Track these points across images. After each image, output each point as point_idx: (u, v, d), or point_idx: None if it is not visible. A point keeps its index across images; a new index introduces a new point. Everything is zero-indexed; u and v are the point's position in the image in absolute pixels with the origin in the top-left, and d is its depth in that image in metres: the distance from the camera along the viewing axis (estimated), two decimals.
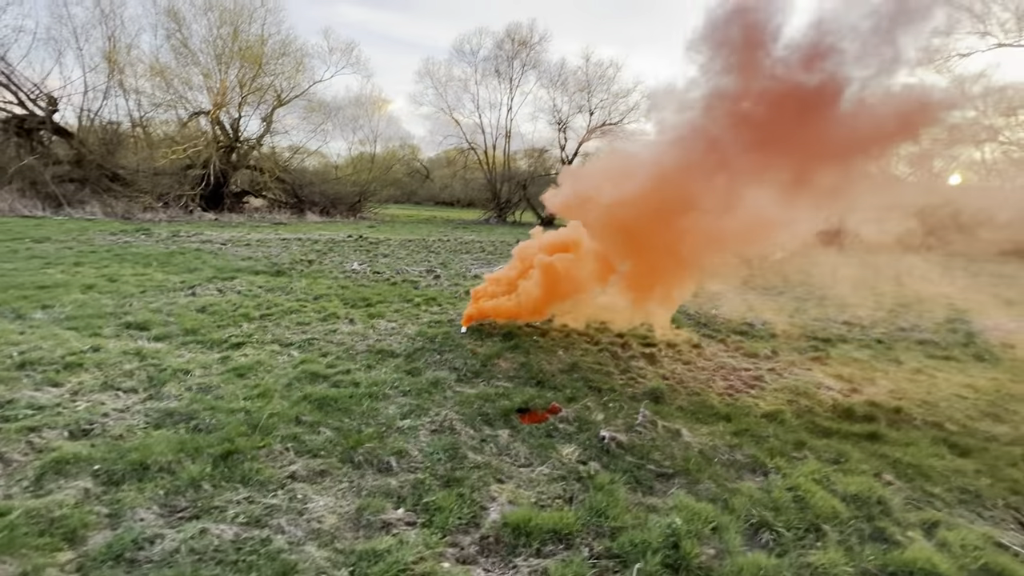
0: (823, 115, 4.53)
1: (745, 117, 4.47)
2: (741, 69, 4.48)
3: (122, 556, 2.08)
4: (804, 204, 4.77)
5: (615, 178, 5.42)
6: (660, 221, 4.94)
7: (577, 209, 5.74)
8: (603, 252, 5.62)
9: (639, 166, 5.34)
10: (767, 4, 4.46)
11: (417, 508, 2.52)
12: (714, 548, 2.36)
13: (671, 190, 4.80)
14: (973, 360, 5.62)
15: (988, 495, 2.94)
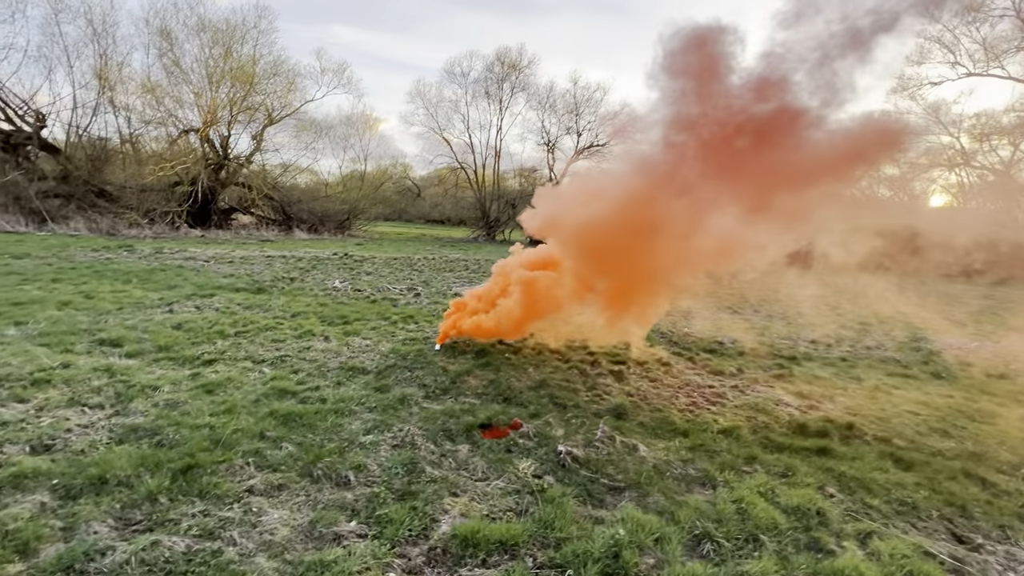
0: (778, 142, 4.78)
1: (702, 144, 4.70)
2: (697, 98, 4.72)
3: (72, 568, 2.12)
4: (767, 226, 4.98)
5: (584, 200, 5.62)
6: (626, 242, 5.12)
7: (551, 229, 5.92)
8: (578, 271, 5.78)
9: (606, 189, 5.54)
10: (720, 36, 4.74)
11: (370, 521, 2.59)
12: (654, 558, 2.46)
13: (635, 212, 4.99)
14: (931, 378, 5.81)
15: (925, 507, 3.07)
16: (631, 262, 5.23)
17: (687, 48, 4.75)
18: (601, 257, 5.34)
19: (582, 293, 5.94)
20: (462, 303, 6.25)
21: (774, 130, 4.75)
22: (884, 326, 7.79)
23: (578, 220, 5.37)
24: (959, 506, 3.10)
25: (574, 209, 5.55)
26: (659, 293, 5.72)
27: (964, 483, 3.37)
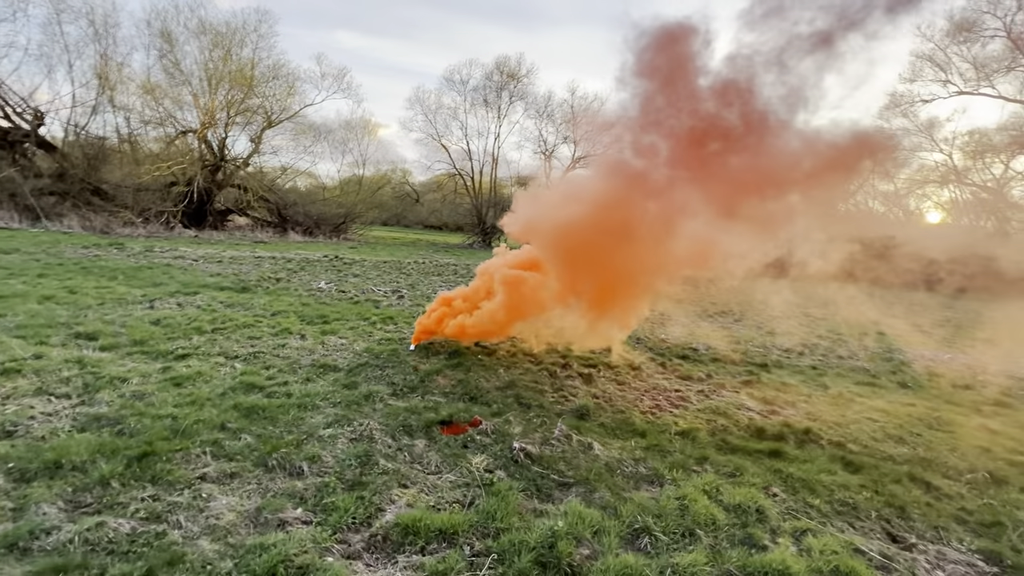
0: (744, 147, 4.91)
1: (669, 146, 4.83)
2: (663, 100, 4.86)
3: (16, 545, 2.19)
4: (743, 233, 5.09)
5: (559, 202, 5.74)
6: (599, 243, 5.22)
7: (530, 232, 6.02)
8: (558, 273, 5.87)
9: (580, 191, 5.67)
10: (687, 36, 4.87)
11: (316, 508, 2.66)
12: (590, 549, 2.53)
13: (606, 213, 5.10)
14: (897, 387, 5.90)
15: (864, 507, 3.15)
16: (606, 264, 5.32)
17: (654, 48, 4.89)
18: (577, 259, 5.44)
19: (564, 296, 6.03)
20: (448, 298, 6.29)
21: (739, 134, 4.89)
22: (858, 336, 7.89)
23: (554, 223, 5.48)
24: (898, 507, 3.18)
25: (550, 212, 5.66)
26: (637, 296, 5.81)
27: (908, 486, 3.45)
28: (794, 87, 4.85)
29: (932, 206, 30.90)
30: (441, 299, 6.29)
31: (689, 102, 4.90)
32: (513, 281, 5.70)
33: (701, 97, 4.94)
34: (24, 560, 2.12)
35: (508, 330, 6.10)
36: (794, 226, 5.38)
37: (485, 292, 6.22)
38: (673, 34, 5.09)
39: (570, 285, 5.77)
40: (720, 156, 4.97)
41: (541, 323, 6.30)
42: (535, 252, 6.24)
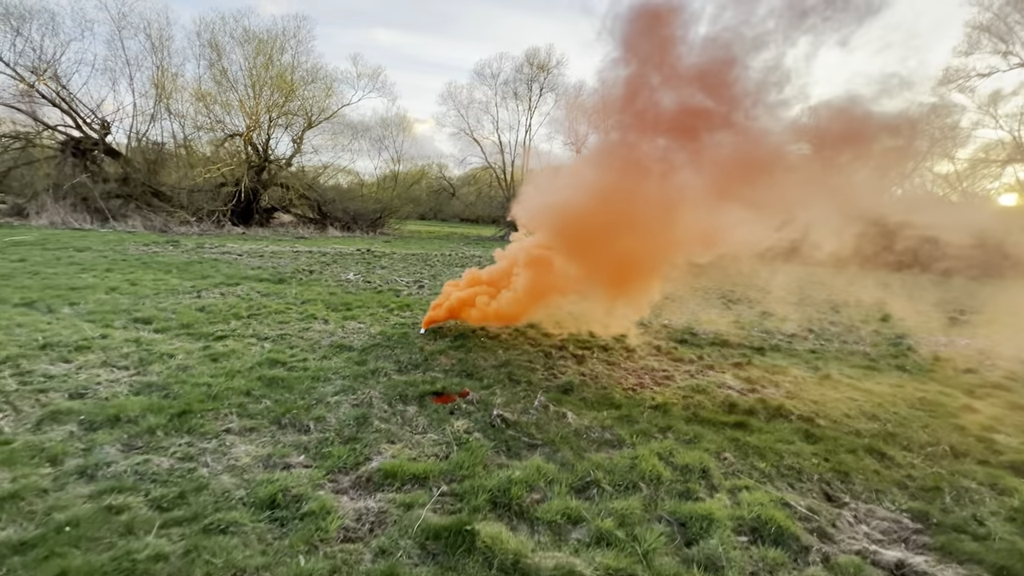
0: (729, 125, 5.13)
1: (655, 126, 5.11)
2: (649, 79, 5.15)
3: (85, 473, 2.84)
4: (746, 215, 5.30)
5: (564, 190, 6.10)
6: (603, 227, 5.54)
7: (540, 220, 6.38)
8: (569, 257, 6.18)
9: (578, 175, 6.01)
10: (672, 14, 5.12)
11: (316, 456, 3.21)
12: (540, 494, 2.95)
13: (606, 197, 5.43)
14: (895, 370, 5.95)
15: (808, 472, 3.41)
16: (613, 246, 5.63)
17: (639, 27, 5.18)
18: (586, 242, 5.76)
19: (578, 280, 6.34)
20: (476, 278, 6.75)
21: (722, 113, 5.11)
22: (868, 321, 7.85)
23: (561, 208, 5.83)
24: (843, 473, 3.43)
25: (556, 198, 6.01)
26: (646, 278, 6.09)
27: (862, 456, 3.67)
28: (774, 64, 5.04)
29: (1002, 188, 28.89)
30: (472, 278, 6.75)
31: (670, 82, 5.16)
32: (537, 261, 6.04)
33: (682, 77, 5.19)
34: (91, 483, 2.75)
35: (530, 313, 6.55)
36: (806, 209, 5.53)
37: (508, 274, 6.60)
38: (656, 12, 5.34)
39: (582, 269, 6.10)
40: (704, 137, 5.21)
41: (558, 309, 6.73)
42: (544, 240, 6.60)
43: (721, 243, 5.63)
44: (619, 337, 6.45)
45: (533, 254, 6.19)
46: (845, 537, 2.78)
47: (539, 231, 6.50)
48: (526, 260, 6.20)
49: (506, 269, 6.70)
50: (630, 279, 5.98)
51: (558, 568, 2.31)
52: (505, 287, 6.59)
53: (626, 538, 2.57)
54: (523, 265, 6.21)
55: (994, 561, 2.61)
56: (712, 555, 2.48)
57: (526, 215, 6.47)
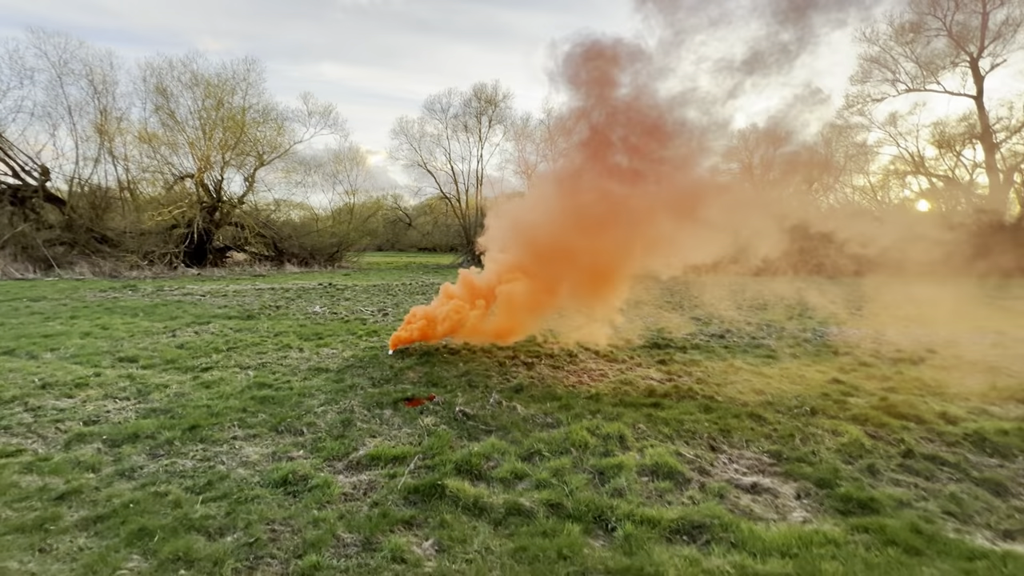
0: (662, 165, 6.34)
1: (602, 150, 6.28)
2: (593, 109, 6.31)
3: (123, 474, 3.49)
4: (690, 229, 6.50)
5: (529, 215, 7.11)
6: (570, 242, 6.61)
7: (511, 246, 7.33)
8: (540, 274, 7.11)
9: (548, 203, 7.05)
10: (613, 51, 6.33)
11: (312, 450, 3.96)
12: (494, 462, 3.82)
13: (571, 218, 6.51)
14: (789, 358, 7.22)
15: (700, 432, 4.44)
16: (579, 260, 6.69)
17: (583, 62, 6.38)
18: (556, 259, 6.77)
19: (553, 296, 7.30)
20: (432, 315, 7.56)
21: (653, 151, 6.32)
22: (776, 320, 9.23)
23: (530, 232, 6.84)
24: (726, 431, 4.48)
25: (524, 224, 7.03)
26: (611, 288, 7.21)
27: (743, 419, 4.75)
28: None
29: (915, 195, 32.69)
30: (425, 313, 7.55)
31: (607, 116, 6.34)
32: (506, 293, 7.01)
33: (620, 110, 6.39)
34: (131, 480, 3.41)
35: (518, 332, 7.46)
36: (745, 222, 6.81)
37: (476, 297, 7.47)
38: (598, 50, 6.56)
39: (556, 285, 7.06)
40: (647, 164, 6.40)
41: (544, 324, 7.70)
42: (517, 261, 7.43)
43: (671, 254, 6.81)
44: (562, 345, 7.45)
45: (508, 278, 7.12)
46: (718, 471, 3.80)
47: (511, 254, 7.40)
48: (505, 281, 7.09)
49: (481, 288, 7.54)
50: (598, 287, 7.05)
51: (507, 503, 3.18)
52: (486, 302, 7.42)
53: (558, 483, 3.48)
54: (503, 285, 7.09)
55: (819, 477, 3.68)
56: (618, 487, 3.42)
57: (497, 241, 7.43)
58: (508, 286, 7.19)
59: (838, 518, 3.16)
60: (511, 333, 7.54)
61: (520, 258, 7.22)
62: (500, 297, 7.15)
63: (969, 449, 4.19)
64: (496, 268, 7.65)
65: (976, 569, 2.59)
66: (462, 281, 7.83)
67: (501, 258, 7.59)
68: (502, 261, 7.65)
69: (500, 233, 7.67)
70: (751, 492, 3.53)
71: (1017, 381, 6.00)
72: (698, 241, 6.71)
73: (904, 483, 3.65)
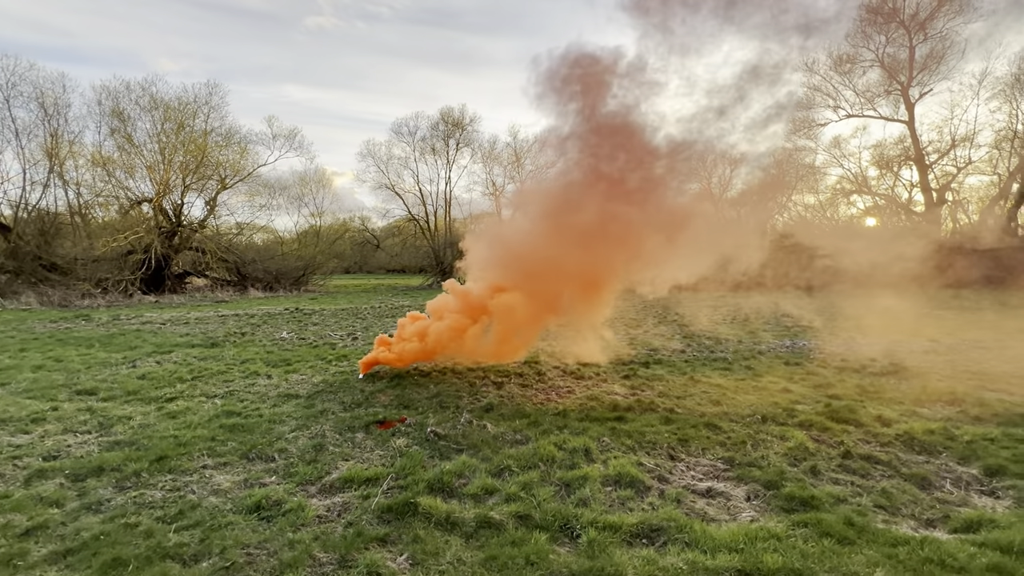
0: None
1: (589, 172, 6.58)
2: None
3: (90, 508, 3.46)
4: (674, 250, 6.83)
5: (514, 231, 7.30)
6: (559, 257, 6.81)
7: (497, 267, 7.44)
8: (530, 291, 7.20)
9: (530, 218, 7.27)
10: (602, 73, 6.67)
11: (285, 475, 4.00)
12: (466, 479, 3.97)
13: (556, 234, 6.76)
14: (744, 369, 7.65)
15: (660, 442, 4.71)
16: (567, 275, 6.89)
17: (573, 71, 6.69)
18: (545, 276, 6.94)
19: (546, 312, 7.40)
20: (423, 332, 7.52)
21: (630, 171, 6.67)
22: (735, 335, 9.73)
23: (516, 246, 7.00)
24: (685, 440, 4.76)
25: (511, 244, 7.18)
26: (597, 303, 7.44)
27: (700, 429, 5.05)
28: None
29: (860, 213, 34.96)
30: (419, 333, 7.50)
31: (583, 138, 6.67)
32: (506, 306, 6.94)
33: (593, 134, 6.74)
34: (99, 514, 3.39)
35: (521, 349, 7.46)
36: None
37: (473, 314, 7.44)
38: (589, 60, 6.89)
39: (553, 300, 7.17)
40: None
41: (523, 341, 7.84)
42: (505, 278, 7.49)
43: (659, 270, 7.14)
44: (531, 363, 7.66)
45: (498, 299, 7.13)
46: (676, 478, 4.05)
47: (500, 270, 7.47)
48: (494, 304, 7.09)
49: (476, 302, 7.49)
50: (590, 302, 7.27)
51: (478, 516, 3.33)
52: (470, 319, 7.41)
53: (527, 496, 3.65)
54: (503, 296, 7.07)
55: (767, 479, 3.97)
56: (583, 497, 3.62)
57: (482, 259, 7.57)
58: (507, 297, 7.05)
59: (782, 516, 3.45)
60: (514, 351, 7.50)
61: (510, 274, 7.23)
62: (499, 310, 7.02)
63: (900, 448, 4.60)
64: (484, 285, 7.55)
65: (898, 554, 2.90)
66: (456, 294, 7.56)
67: (489, 275, 7.50)
68: (490, 279, 7.54)
69: (487, 250, 7.75)
70: (706, 496, 3.79)
71: (945, 384, 6.57)
72: (685, 258, 7.07)
73: (842, 481, 3.99)
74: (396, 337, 7.43)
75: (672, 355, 8.64)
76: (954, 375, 7.09)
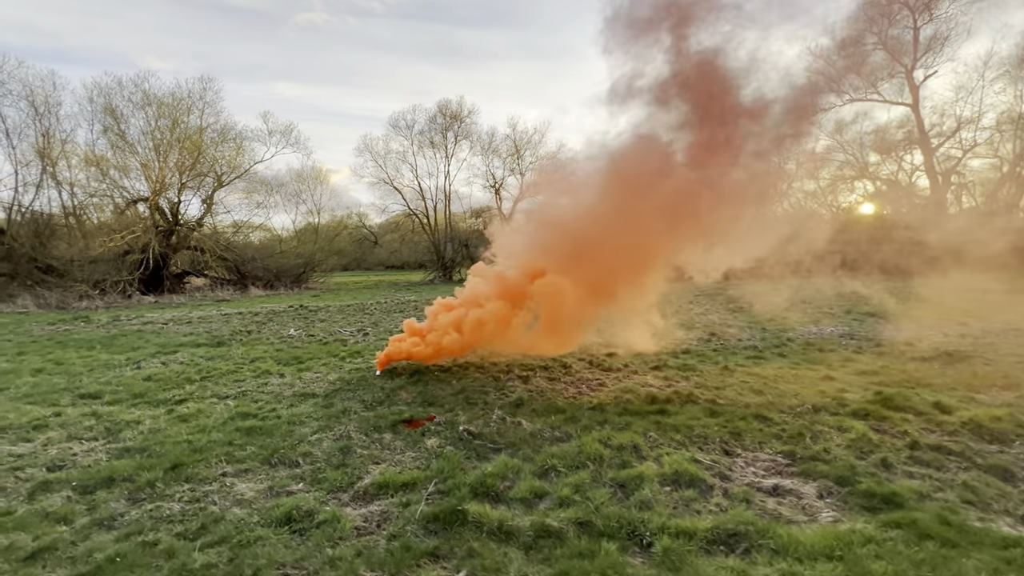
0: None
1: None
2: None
3: (101, 524, 3.12)
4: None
5: (564, 204, 6.75)
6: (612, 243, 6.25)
7: (534, 251, 6.86)
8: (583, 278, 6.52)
9: (587, 187, 6.70)
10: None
11: (313, 482, 3.66)
12: (511, 481, 3.64)
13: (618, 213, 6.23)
14: (777, 357, 7.33)
15: (712, 437, 4.39)
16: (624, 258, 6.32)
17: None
18: (595, 251, 6.33)
19: (597, 299, 6.83)
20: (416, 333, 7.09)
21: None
22: (764, 322, 9.41)
23: (567, 221, 6.41)
24: (737, 434, 4.44)
25: (555, 216, 6.57)
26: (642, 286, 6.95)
27: (750, 421, 4.73)
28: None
29: (858, 199, 34.60)
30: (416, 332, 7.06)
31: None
32: (553, 287, 6.22)
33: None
34: (112, 531, 3.05)
35: (575, 338, 6.97)
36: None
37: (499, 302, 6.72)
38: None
39: (607, 282, 6.52)
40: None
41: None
42: (537, 264, 6.75)
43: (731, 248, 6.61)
44: (556, 357, 7.32)
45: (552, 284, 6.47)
46: (738, 476, 3.73)
47: (535, 256, 6.80)
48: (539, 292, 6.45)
49: (514, 287, 6.82)
50: (640, 283, 6.75)
51: (534, 524, 3.00)
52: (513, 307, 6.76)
53: (581, 499, 3.32)
54: (546, 278, 6.40)
55: (836, 475, 3.65)
56: (643, 499, 3.30)
57: (516, 245, 7.04)
58: (553, 279, 6.38)
59: (866, 515, 3.13)
60: (570, 340, 6.88)
61: (554, 256, 6.39)
62: (544, 293, 6.28)
63: (969, 437, 4.28)
64: (520, 269, 6.86)
65: (1015, 557, 2.59)
66: (490, 278, 6.89)
67: (527, 259, 6.77)
68: (526, 262, 6.82)
69: (525, 232, 7.08)
70: (774, 495, 3.47)
71: (993, 368, 6.26)
72: (748, 237, 6.42)
73: (917, 475, 3.68)
74: (426, 328, 6.98)
75: (699, 344, 8.31)
76: (997, 358, 6.79)
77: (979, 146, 30.63)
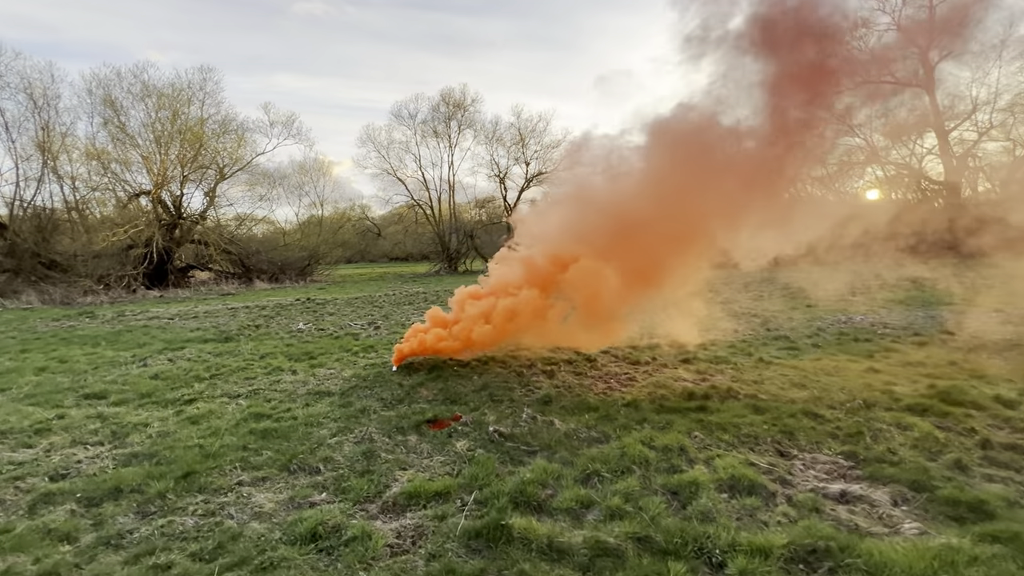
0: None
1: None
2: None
3: (108, 543, 2.83)
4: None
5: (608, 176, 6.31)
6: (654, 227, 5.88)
7: (566, 234, 6.42)
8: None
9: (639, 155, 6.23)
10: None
11: (337, 492, 3.37)
12: (552, 489, 3.33)
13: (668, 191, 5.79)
14: (811, 347, 6.99)
15: (762, 436, 4.07)
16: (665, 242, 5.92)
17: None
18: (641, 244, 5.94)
19: (635, 285, 6.38)
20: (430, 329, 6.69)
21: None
22: (789, 310, 9.06)
23: (606, 209, 5.96)
24: (788, 433, 4.12)
25: (599, 212, 6.09)
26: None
27: (800, 418, 4.40)
28: None
29: (865, 185, 33.96)
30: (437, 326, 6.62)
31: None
32: (588, 278, 5.78)
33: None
34: (120, 551, 2.76)
35: (614, 332, 6.59)
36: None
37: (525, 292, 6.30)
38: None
39: (643, 268, 6.12)
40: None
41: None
42: (569, 249, 6.28)
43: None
44: (577, 349, 7.00)
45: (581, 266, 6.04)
46: (799, 480, 3.41)
47: (567, 240, 6.36)
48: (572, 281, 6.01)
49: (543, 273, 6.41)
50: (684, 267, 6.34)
51: (587, 541, 2.69)
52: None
53: (633, 510, 3.01)
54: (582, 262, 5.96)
55: (909, 479, 3.33)
56: (703, 509, 2.98)
57: (547, 230, 6.61)
58: (589, 264, 5.92)
59: (954, 526, 2.81)
60: (614, 330, 6.42)
61: (591, 239, 5.89)
62: (581, 279, 5.82)
63: None
64: (549, 254, 6.39)
65: None
66: (518, 264, 6.44)
67: (556, 244, 6.32)
68: (556, 248, 6.34)
69: (558, 214, 6.52)
70: (844, 502, 3.15)
71: None
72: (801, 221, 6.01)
73: (997, 478, 3.35)
74: (452, 319, 6.63)
75: (727, 335, 7.97)
76: None
77: (993, 128, 29.93)
